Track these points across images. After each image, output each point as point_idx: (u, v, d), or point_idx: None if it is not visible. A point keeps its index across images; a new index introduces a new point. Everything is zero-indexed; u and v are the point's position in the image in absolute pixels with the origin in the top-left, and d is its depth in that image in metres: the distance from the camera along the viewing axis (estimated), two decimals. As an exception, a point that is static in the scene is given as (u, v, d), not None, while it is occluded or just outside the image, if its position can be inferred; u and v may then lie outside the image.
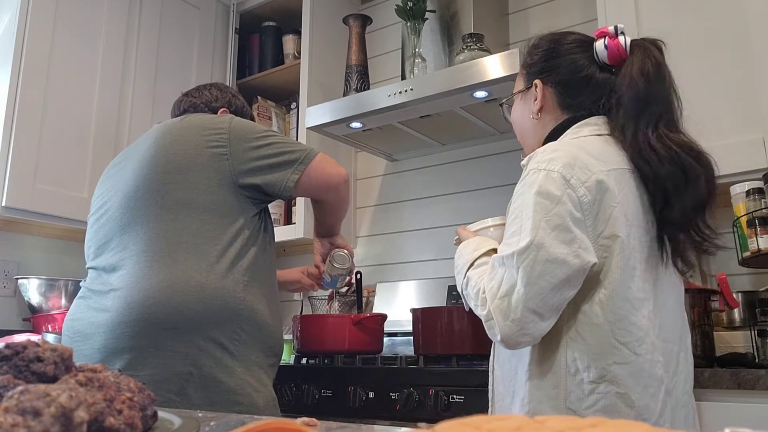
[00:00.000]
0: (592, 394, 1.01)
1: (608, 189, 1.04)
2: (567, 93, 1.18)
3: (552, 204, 1.01)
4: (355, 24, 2.43)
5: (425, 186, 2.58)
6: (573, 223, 1.01)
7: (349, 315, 2.00)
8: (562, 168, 1.03)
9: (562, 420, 0.34)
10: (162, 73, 2.62)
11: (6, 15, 2.21)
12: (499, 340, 1.03)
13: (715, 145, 1.70)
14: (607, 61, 1.17)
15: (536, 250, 0.99)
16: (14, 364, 0.49)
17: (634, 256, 1.05)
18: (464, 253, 1.19)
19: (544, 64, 1.21)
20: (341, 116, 2.20)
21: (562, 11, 2.35)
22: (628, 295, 1.03)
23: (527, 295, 0.99)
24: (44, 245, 2.47)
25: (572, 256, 0.99)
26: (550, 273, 0.99)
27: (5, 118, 2.10)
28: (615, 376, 1.01)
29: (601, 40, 1.17)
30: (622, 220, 1.04)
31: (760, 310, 1.64)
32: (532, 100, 1.21)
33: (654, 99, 1.10)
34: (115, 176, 1.50)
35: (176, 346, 1.28)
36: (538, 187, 1.03)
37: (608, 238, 1.03)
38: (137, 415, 0.47)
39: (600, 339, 1.02)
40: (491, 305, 1.02)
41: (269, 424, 0.43)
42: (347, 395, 1.71)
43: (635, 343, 1.02)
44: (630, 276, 1.04)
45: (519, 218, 1.04)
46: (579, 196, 1.02)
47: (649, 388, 1.02)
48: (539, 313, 1.00)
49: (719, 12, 1.73)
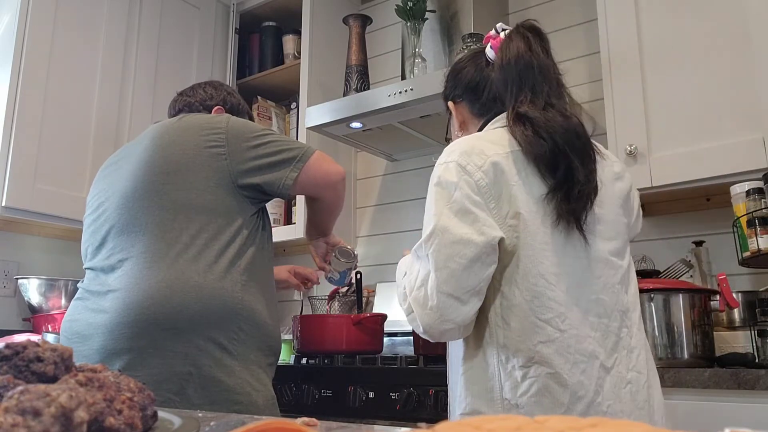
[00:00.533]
0: (525, 379, 1.01)
1: (504, 170, 1.06)
2: (473, 100, 1.25)
3: (450, 192, 1.06)
4: (355, 24, 2.43)
5: (425, 186, 2.56)
6: (473, 205, 1.04)
7: (349, 315, 2.00)
8: (458, 157, 1.08)
9: (562, 420, 0.34)
10: (162, 73, 2.62)
11: (6, 15, 2.21)
12: (422, 332, 1.04)
13: (715, 145, 1.72)
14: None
15: (441, 234, 1.03)
16: (14, 364, 0.49)
17: (543, 231, 1.05)
18: (401, 266, 1.21)
19: (449, 86, 1.31)
20: (341, 116, 2.20)
21: (562, 11, 2.35)
22: (540, 269, 1.03)
23: (440, 279, 1.01)
24: (44, 245, 2.47)
25: (477, 234, 1.02)
26: (458, 254, 1.01)
27: (5, 118, 2.10)
28: (543, 356, 1.00)
29: (488, 44, 1.24)
30: (523, 198, 1.05)
31: (760, 310, 1.64)
32: (453, 121, 1.31)
33: (510, 80, 1.15)
34: (112, 176, 1.50)
35: (175, 346, 1.28)
36: (437, 179, 1.09)
37: (513, 217, 1.05)
38: (137, 415, 0.47)
39: (522, 320, 1.02)
40: (410, 298, 1.05)
41: (269, 424, 0.43)
42: (347, 395, 1.71)
43: (557, 320, 1.02)
44: (541, 251, 1.04)
45: (426, 212, 1.09)
46: (476, 180, 1.05)
47: (579, 364, 1.01)
48: (456, 297, 1.01)
49: (719, 12, 1.73)
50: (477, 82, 1.24)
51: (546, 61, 1.16)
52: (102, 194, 1.49)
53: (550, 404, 0.99)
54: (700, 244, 1.88)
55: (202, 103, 1.64)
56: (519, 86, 1.13)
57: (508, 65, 1.15)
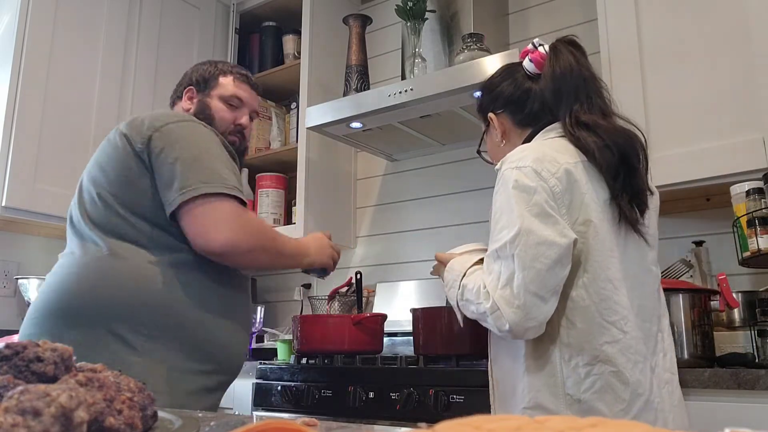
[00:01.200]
0: (588, 377, 1.08)
1: (577, 179, 1.12)
2: (516, 110, 1.30)
3: (529, 195, 1.10)
4: (355, 24, 2.43)
5: (425, 186, 2.58)
6: (550, 209, 1.10)
7: (349, 315, 2.00)
8: (533, 162, 1.12)
9: (562, 420, 0.34)
10: (162, 73, 2.62)
11: (6, 15, 2.21)
12: (507, 329, 1.07)
13: (715, 145, 1.72)
14: (538, 71, 1.28)
15: (526, 235, 1.07)
16: (14, 364, 0.49)
17: (609, 239, 1.13)
18: (455, 267, 1.24)
19: (488, 99, 1.35)
20: (341, 116, 2.20)
21: (562, 11, 2.35)
22: (608, 275, 1.11)
23: (526, 278, 1.06)
24: (44, 245, 2.47)
25: (559, 236, 1.08)
26: (543, 254, 1.06)
27: (5, 118, 2.10)
28: (607, 355, 1.08)
29: (526, 58, 1.30)
30: (594, 206, 1.13)
31: (760, 310, 1.64)
32: (494, 132, 1.35)
33: (565, 91, 1.20)
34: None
35: (71, 335, 1.24)
36: (514, 182, 1.12)
37: (583, 224, 1.12)
38: (137, 415, 0.47)
39: (589, 321, 1.10)
40: (494, 296, 1.08)
41: (269, 424, 0.43)
42: (347, 395, 1.71)
43: (621, 322, 1.10)
44: (608, 257, 1.12)
45: (504, 214, 1.12)
46: (551, 186, 1.11)
47: (638, 365, 1.09)
48: (540, 296, 1.06)
49: (719, 12, 1.73)
50: (519, 95, 1.29)
51: (594, 73, 1.24)
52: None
53: (612, 400, 1.07)
54: (700, 244, 1.88)
55: (177, 91, 1.61)
56: (575, 96, 1.20)
57: (561, 77, 1.21)
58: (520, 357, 1.15)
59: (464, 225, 2.43)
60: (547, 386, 1.10)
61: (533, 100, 1.28)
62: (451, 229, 2.46)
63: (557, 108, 1.22)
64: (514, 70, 1.34)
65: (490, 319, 1.09)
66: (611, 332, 1.09)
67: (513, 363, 1.17)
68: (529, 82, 1.29)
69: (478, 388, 1.50)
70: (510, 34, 2.44)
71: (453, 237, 2.38)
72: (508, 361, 1.19)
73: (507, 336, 1.11)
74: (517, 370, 1.16)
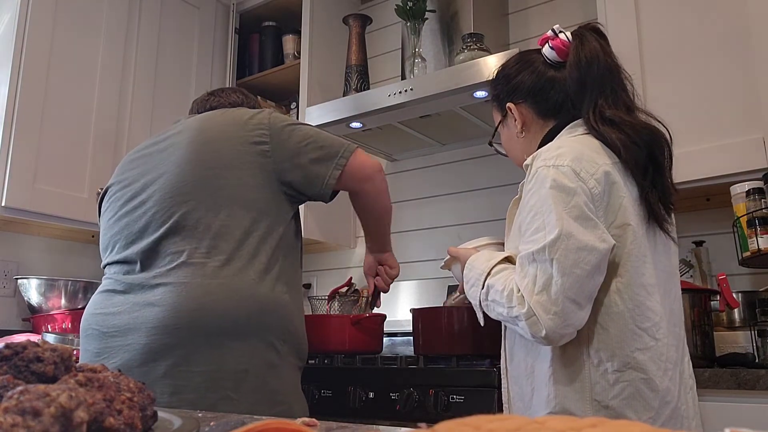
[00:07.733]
0: (618, 383, 1.05)
1: (615, 181, 1.08)
2: (539, 100, 1.24)
3: (569, 196, 1.04)
4: (355, 24, 2.43)
5: (425, 186, 2.58)
6: (589, 212, 1.05)
7: (349, 315, 2.00)
8: (571, 162, 1.07)
9: (562, 420, 0.34)
10: (162, 73, 2.62)
11: (6, 15, 2.21)
12: (543, 336, 1.02)
13: (715, 145, 1.72)
14: (559, 59, 1.22)
15: (566, 239, 1.02)
16: (14, 364, 0.49)
17: (644, 244, 1.09)
18: (476, 265, 1.18)
19: (507, 88, 1.28)
20: (341, 116, 2.20)
21: (562, 11, 2.35)
22: (642, 281, 1.07)
23: (565, 285, 1.01)
24: (44, 245, 2.47)
25: (599, 241, 1.03)
26: (583, 260, 1.01)
27: (5, 118, 2.10)
28: (638, 362, 1.05)
29: (546, 44, 1.24)
30: (631, 210, 1.09)
31: (760, 310, 1.65)
32: (512, 123, 1.28)
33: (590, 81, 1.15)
34: (146, 165, 1.45)
35: (232, 344, 1.28)
36: (552, 181, 1.06)
37: (619, 227, 1.07)
38: (137, 415, 0.47)
39: (621, 327, 1.06)
40: (530, 301, 1.02)
41: (269, 424, 0.43)
42: (347, 395, 1.71)
43: (654, 329, 1.06)
44: (642, 263, 1.08)
45: (539, 214, 1.06)
46: (590, 188, 1.06)
47: (668, 372, 1.07)
48: (577, 302, 1.02)
49: (719, 12, 1.73)
50: (542, 84, 1.23)
51: (618, 63, 1.18)
52: (136, 185, 1.43)
53: (641, 408, 1.04)
54: (700, 244, 1.88)
55: (233, 107, 1.62)
56: (600, 88, 1.14)
57: (587, 65, 1.15)
58: (546, 360, 1.11)
59: (464, 225, 2.43)
60: (574, 391, 1.07)
61: (558, 90, 1.22)
62: (451, 229, 2.45)
63: (580, 100, 1.16)
64: (531, 59, 1.27)
65: (523, 324, 1.03)
66: (643, 339, 1.05)
67: (533, 364, 1.14)
68: (551, 71, 1.23)
69: (478, 388, 1.50)
70: (510, 34, 2.44)
71: (453, 237, 2.38)
72: (528, 360, 1.15)
73: (541, 342, 1.05)
74: (540, 372, 1.12)
